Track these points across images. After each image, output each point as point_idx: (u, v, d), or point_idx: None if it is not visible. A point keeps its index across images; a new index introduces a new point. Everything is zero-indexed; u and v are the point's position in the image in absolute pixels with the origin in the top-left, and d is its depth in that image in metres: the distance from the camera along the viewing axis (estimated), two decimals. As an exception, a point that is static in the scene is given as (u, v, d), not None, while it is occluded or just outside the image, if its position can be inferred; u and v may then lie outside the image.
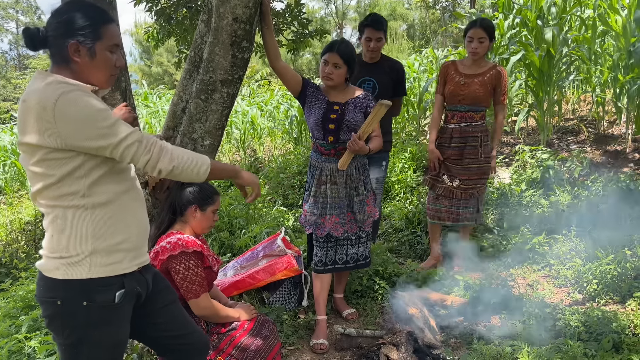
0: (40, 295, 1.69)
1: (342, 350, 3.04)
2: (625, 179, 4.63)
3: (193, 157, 1.76)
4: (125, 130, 1.61)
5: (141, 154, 1.62)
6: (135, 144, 1.62)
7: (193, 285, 2.30)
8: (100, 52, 1.65)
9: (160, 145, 1.66)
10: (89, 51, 1.63)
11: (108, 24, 1.67)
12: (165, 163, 1.66)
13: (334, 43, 2.96)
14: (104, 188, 1.66)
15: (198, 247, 2.35)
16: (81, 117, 1.54)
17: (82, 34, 1.61)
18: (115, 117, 1.62)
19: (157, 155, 1.64)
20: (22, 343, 2.81)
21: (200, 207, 2.44)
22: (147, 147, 1.63)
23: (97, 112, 1.56)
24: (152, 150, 1.64)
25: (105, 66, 1.68)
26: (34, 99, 1.54)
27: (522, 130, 7.06)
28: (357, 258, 3.21)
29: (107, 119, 1.58)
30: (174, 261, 2.28)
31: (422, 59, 9.40)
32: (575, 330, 2.82)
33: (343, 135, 2.97)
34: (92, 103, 1.57)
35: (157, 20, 4.64)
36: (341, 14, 30.16)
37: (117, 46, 1.70)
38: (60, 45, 1.61)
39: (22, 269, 4.55)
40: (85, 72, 1.65)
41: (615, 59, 5.85)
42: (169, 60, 24.69)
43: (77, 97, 1.55)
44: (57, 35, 1.62)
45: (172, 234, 2.38)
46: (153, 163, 1.64)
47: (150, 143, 1.65)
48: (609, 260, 3.52)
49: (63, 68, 1.64)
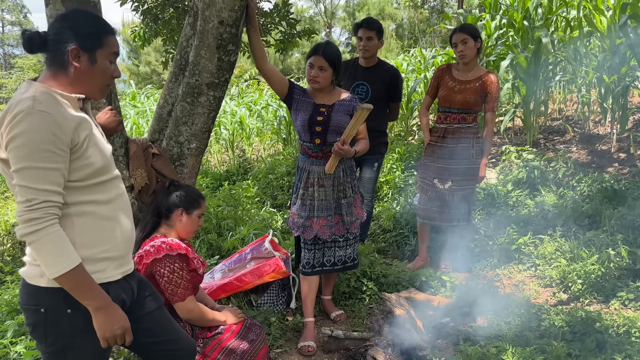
0: (24, 303, 1.67)
1: (330, 352, 3.06)
2: (609, 179, 4.69)
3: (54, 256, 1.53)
4: (36, 182, 1.49)
5: (19, 209, 1.51)
6: (22, 199, 1.50)
7: (178, 289, 2.29)
8: (100, 59, 1.66)
9: (36, 216, 1.50)
10: (89, 58, 1.63)
11: (110, 35, 1.69)
12: (21, 231, 1.51)
13: (319, 46, 2.97)
14: (87, 197, 1.65)
15: (183, 250, 2.34)
16: (19, 138, 1.47)
17: (85, 40, 1.62)
18: (47, 164, 1.50)
19: (22, 221, 1.50)
20: (8, 348, 2.78)
21: (186, 211, 2.43)
22: (27, 209, 1.50)
23: (34, 145, 1.48)
24: (24, 216, 1.50)
25: (103, 74, 1.68)
26: (5, 112, 1.52)
27: (509, 130, 7.12)
28: (344, 260, 3.23)
29: (35, 160, 1.48)
30: (158, 265, 2.27)
31: (410, 59, 9.44)
32: (560, 331, 2.86)
33: (330, 137, 2.97)
34: (40, 136, 1.48)
35: (143, 20, 4.61)
36: (330, 14, 30.15)
37: (116, 55, 1.72)
38: (60, 49, 1.60)
39: (7, 273, 4.50)
40: (82, 79, 1.64)
41: (601, 60, 5.91)
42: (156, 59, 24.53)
43: (35, 121, 1.48)
44: (59, 39, 1.61)
45: (156, 237, 2.37)
46: (19, 221, 1.51)
47: (31, 208, 1.49)
48: (593, 261, 3.56)
49: (59, 74, 1.62)
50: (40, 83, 1.61)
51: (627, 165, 5.48)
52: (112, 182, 1.74)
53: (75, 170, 1.60)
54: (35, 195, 1.50)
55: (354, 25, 4.15)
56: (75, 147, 1.58)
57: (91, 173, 1.64)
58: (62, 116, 1.55)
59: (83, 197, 1.64)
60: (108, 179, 1.71)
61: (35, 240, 1.51)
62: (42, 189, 1.51)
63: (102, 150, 1.69)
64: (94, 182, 1.66)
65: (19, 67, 29.04)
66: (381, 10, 27.54)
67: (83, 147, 1.60)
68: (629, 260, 3.57)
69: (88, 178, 1.64)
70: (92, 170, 1.64)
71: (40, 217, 1.50)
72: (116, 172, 1.77)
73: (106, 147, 1.74)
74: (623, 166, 5.51)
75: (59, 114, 1.54)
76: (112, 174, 1.74)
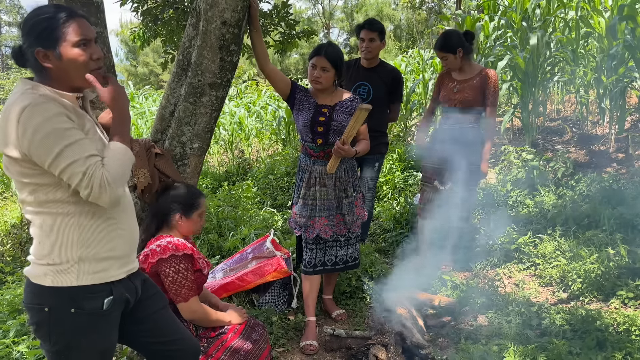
0: (28, 302, 1.67)
1: (332, 351, 3.07)
2: (608, 179, 4.71)
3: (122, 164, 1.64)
4: (77, 154, 1.54)
5: (83, 187, 1.55)
6: (79, 175, 1.53)
7: (182, 289, 2.30)
8: (65, 51, 1.58)
9: (99, 180, 1.55)
10: (54, 54, 1.58)
11: (67, 22, 1.59)
12: (105, 199, 1.58)
13: (321, 46, 2.98)
14: None
15: (189, 250, 2.34)
16: (39, 132, 1.50)
17: (43, 39, 1.57)
18: (74, 138, 1.55)
19: (97, 193, 1.55)
20: (10, 348, 2.79)
21: (184, 214, 2.43)
22: (89, 180, 1.54)
23: (54, 130, 1.51)
24: (91, 186, 1.55)
25: (77, 64, 1.60)
26: (8, 110, 1.53)
27: (508, 131, 7.14)
28: (346, 259, 3.24)
29: (64, 140, 1.52)
30: (164, 264, 2.28)
31: (409, 60, 9.46)
32: (560, 329, 2.87)
33: (332, 137, 2.99)
34: (55, 120, 1.52)
35: (143, 21, 4.61)
36: (328, 15, 30.20)
37: (86, 40, 1.61)
38: (31, 55, 1.59)
39: (8, 273, 4.50)
40: (61, 75, 1.61)
41: (599, 61, 5.94)
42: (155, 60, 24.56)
43: (43, 110, 1.50)
44: (27, 45, 1.60)
45: (162, 237, 2.37)
46: (94, 198, 1.56)
47: (92, 177, 1.54)
48: (592, 260, 3.58)
49: (43, 77, 1.62)
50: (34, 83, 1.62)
51: (625, 165, 5.51)
52: None
53: None
54: (86, 163, 1.54)
55: (355, 27, 4.17)
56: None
57: None
58: (64, 105, 1.58)
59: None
60: None
61: (114, 189, 1.58)
62: (86, 156, 1.55)
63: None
64: None
65: (16, 68, 28.91)
66: (379, 11, 27.61)
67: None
68: (629, 259, 3.59)
69: None
70: None
71: (98, 185, 1.55)
72: None
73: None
74: (621, 166, 5.54)
75: (61, 103, 1.58)
76: None
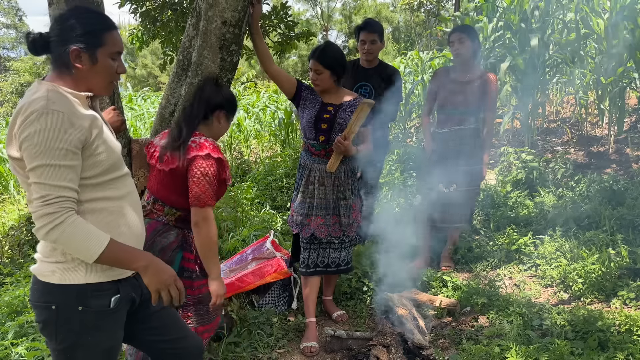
0: (35, 300, 1.67)
1: (333, 352, 3.05)
2: (608, 180, 4.71)
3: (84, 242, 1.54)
4: (51, 179, 1.49)
5: (36, 213, 1.50)
6: (39, 199, 1.49)
7: (203, 193, 2.19)
8: (102, 58, 1.63)
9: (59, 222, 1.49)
10: (90, 57, 1.62)
11: (110, 31, 1.66)
12: (41, 235, 1.51)
13: (315, 50, 2.98)
14: (100, 194, 1.65)
15: (222, 156, 2.29)
16: (31, 138, 1.48)
17: (84, 40, 1.60)
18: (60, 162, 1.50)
19: (44, 227, 1.49)
20: (9, 349, 2.77)
21: (227, 115, 2.39)
22: (45, 210, 1.49)
23: (46, 144, 1.48)
24: (42, 218, 1.49)
25: (106, 72, 1.66)
26: (18, 111, 1.53)
27: (507, 132, 7.14)
28: (338, 262, 3.21)
29: (47, 158, 1.48)
30: (197, 162, 2.20)
31: (408, 62, 9.47)
32: (562, 330, 2.87)
33: (334, 135, 2.97)
34: (52, 135, 1.49)
35: (142, 22, 4.61)
36: (327, 17, 30.23)
37: (119, 53, 1.69)
38: (62, 51, 1.60)
39: (6, 274, 4.48)
40: (86, 78, 1.64)
41: (598, 62, 5.95)
42: (153, 62, 24.53)
43: (47, 121, 1.49)
44: (59, 41, 1.60)
45: (197, 134, 2.31)
46: (38, 227, 1.51)
47: (47, 216, 1.49)
48: (593, 260, 3.58)
49: (64, 74, 1.63)
50: (49, 82, 1.61)
51: (624, 166, 5.51)
52: (123, 179, 1.74)
53: (88, 167, 1.60)
54: (50, 191, 1.50)
55: (355, 28, 4.15)
56: (87, 145, 1.58)
57: (103, 170, 1.64)
58: (75, 115, 1.56)
59: (96, 194, 1.64)
60: (119, 175, 1.71)
61: (60, 235, 1.51)
62: (57, 185, 1.51)
63: (113, 147, 1.70)
64: (106, 179, 1.66)
65: (14, 70, 28.90)
66: (377, 13, 27.66)
67: (95, 144, 1.60)
68: (629, 260, 3.58)
69: (100, 175, 1.64)
70: (104, 168, 1.64)
71: (56, 211, 1.50)
72: (126, 169, 1.77)
73: (116, 145, 1.74)
74: (621, 167, 5.55)
75: (72, 113, 1.55)
76: (122, 171, 1.74)
